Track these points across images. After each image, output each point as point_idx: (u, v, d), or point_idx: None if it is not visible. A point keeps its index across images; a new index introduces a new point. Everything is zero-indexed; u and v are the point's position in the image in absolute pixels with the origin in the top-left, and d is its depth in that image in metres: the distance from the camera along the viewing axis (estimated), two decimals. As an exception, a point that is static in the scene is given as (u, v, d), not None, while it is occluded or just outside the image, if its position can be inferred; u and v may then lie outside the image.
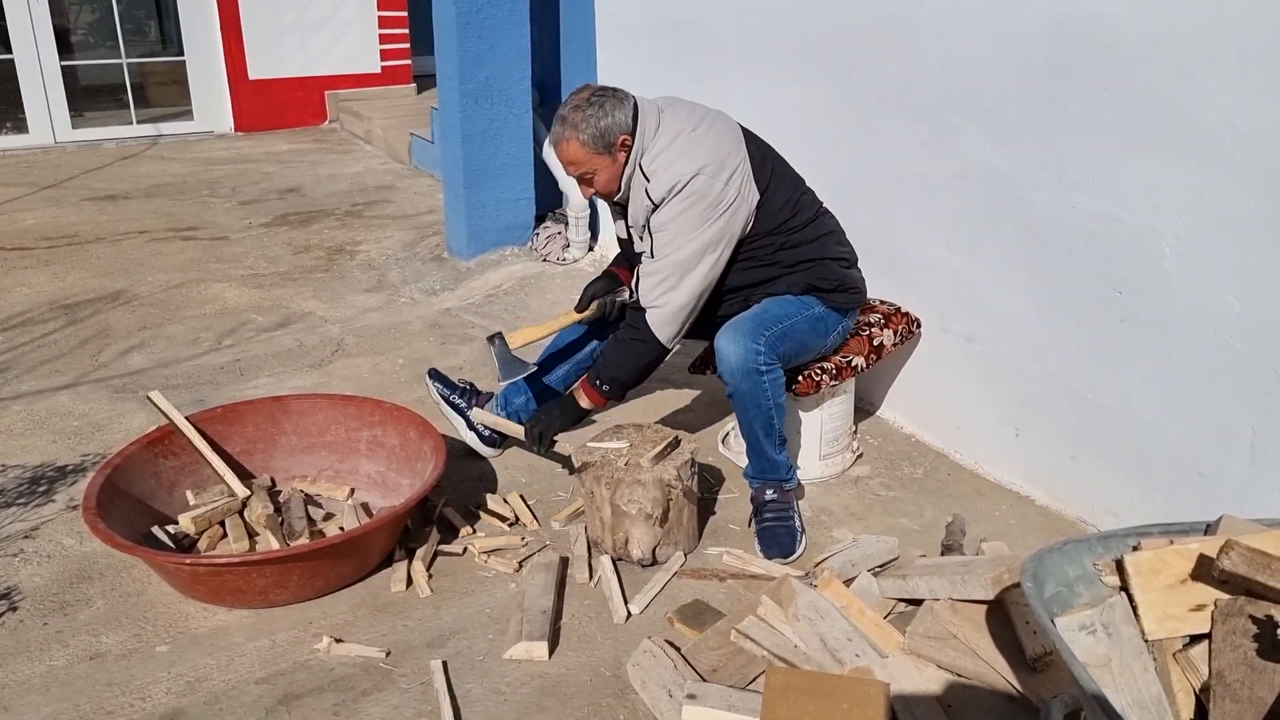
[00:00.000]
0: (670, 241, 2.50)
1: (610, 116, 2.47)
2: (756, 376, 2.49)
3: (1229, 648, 1.41)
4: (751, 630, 2.10)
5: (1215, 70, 2.21)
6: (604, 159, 2.51)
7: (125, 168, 6.39)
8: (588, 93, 2.52)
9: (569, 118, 2.48)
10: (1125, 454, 2.59)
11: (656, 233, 2.52)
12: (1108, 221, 2.50)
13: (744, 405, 2.54)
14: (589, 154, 2.49)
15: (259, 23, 7.28)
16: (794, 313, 2.62)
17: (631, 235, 2.72)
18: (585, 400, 2.64)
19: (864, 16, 3.07)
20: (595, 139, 2.47)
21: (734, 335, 2.50)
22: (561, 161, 2.56)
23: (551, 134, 2.55)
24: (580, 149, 2.48)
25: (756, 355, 2.47)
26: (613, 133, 2.48)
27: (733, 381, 2.51)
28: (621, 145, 2.51)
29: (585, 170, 2.53)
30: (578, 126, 2.47)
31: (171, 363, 3.62)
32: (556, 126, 2.51)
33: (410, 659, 2.18)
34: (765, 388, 2.51)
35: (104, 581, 2.42)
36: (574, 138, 2.48)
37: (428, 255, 4.82)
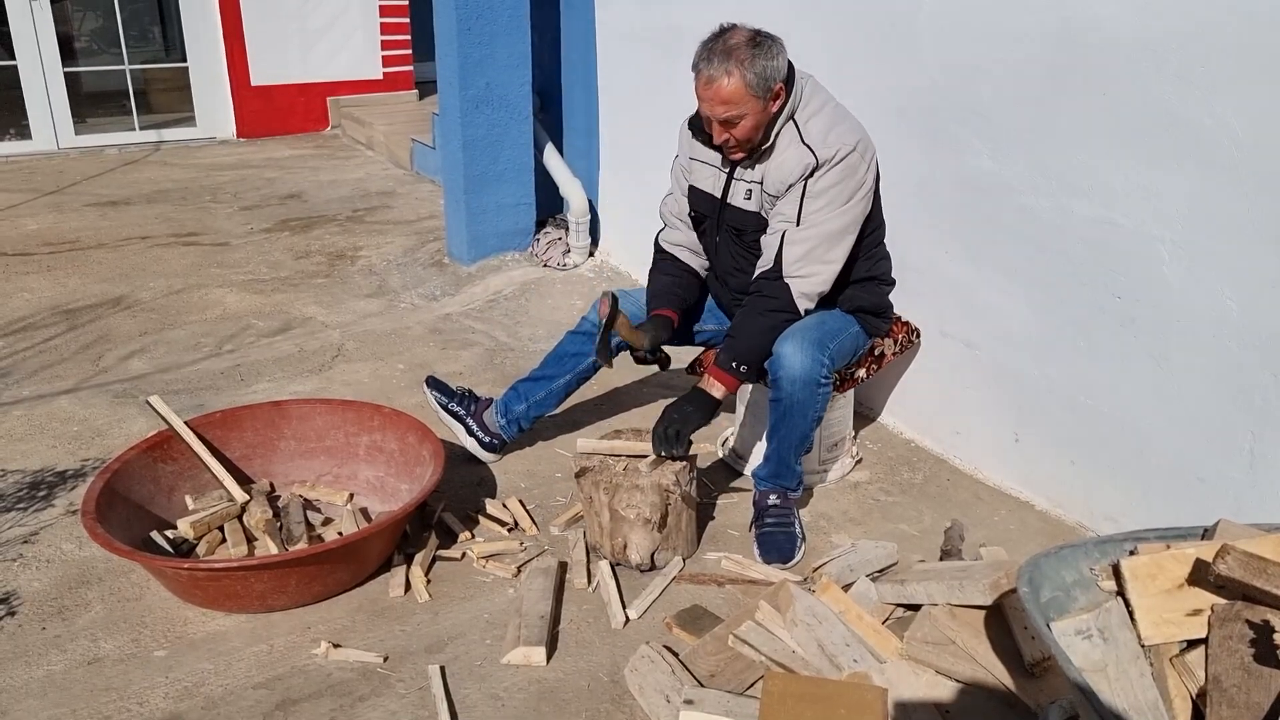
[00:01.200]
0: (821, 210, 2.42)
1: (775, 60, 2.34)
2: (815, 388, 2.46)
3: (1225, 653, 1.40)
4: (749, 636, 2.10)
5: (1212, 76, 2.21)
6: (757, 103, 2.35)
7: (127, 173, 6.41)
8: (749, 31, 2.35)
9: (735, 52, 2.30)
10: (1124, 459, 2.59)
11: (810, 198, 2.42)
12: (1106, 227, 2.50)
13: (791, 413, 2.50)
14: (748, 94, 2.32)
15: (262, 29, 7.30)
16: (844, 328, 2.61)
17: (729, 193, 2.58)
18: (718, 389, 2.48)
19: (862, 23, 3.07)
20: (759, 79, 2.31)
21: (800, 344, 2.44)
22: (712, 98, 2.35)
23: (707, 66, 2.33)
24: (741, 86, 2.31)
25: (821, 366, 2.44)
26: (775, 77, 2.34)
27: (790, 389, 2.46)
28: (776, 93, 2.37)
29: (736, 112, 2.35)
30: (744, 62, 2.29)
31: (172, 368, 3.63)
32: (716, 60, 2.31)
33: (408, 664, 2.18)
34: (819, 400, 2.49)
35: (103, 586, 2.42)
36: (738, 73, 2.29)
37: (428, 261, 4.83)
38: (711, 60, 2.33)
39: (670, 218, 2.82)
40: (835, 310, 2.65)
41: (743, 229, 2.60)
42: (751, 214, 2.56)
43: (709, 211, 2.66)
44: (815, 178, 2.42)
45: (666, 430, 2.43)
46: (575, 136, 4.86)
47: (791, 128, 2.45)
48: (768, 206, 2.53)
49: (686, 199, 2.73)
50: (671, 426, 2.43)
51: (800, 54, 3.30)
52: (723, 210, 2.62)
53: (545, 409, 2.96)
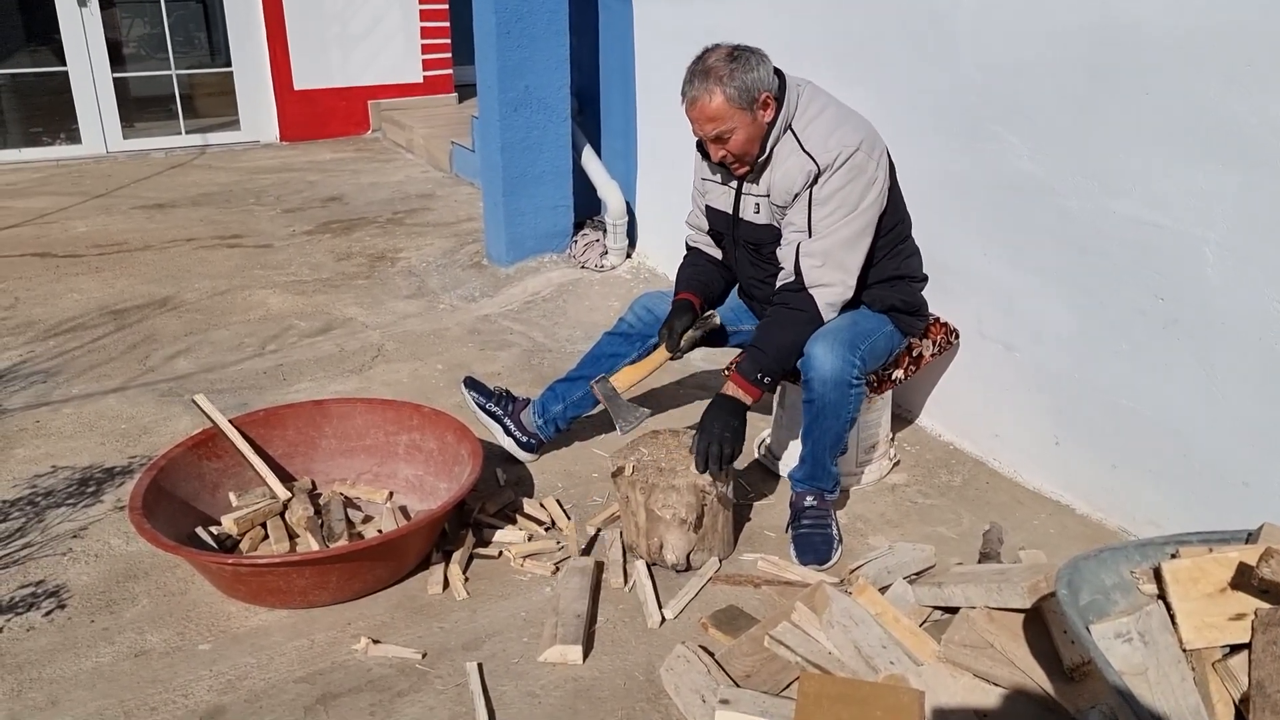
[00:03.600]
0: (831, 216, 2.43)
1: (755, 71, 2.38)
2: (847, 389, 2.46)
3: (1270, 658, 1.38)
4: (785, 637, 2.09)
5: (1259, 73, 2.18)
6: (745, 115, 2.39)
7: (173, 177, 6.52)
8: (727, 48, 2.41)
9: (714, 69, 2.37)
10: (1167, 463, 2.55)
11: (818, 205, 2.43)
12: (1149, 228, 2.47)
13: (823, 414, 2.51)
14: (732, 109, 2.37)
15: (304, 34, 7.40)
16: (876, 328, 2.61)
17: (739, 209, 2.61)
18: (746, 398, 2.47)
19: (900, 24, 3.06)
20: (741, 92, 2.36)
21: (831, 345, 2.45)
22: (699, 118, 2.42)
23: (689, 88, 2.41)
24: (724, 103, 2.36)
25: (851, 368, 2.45)
26: (757, 88, 2.38)
27: (821, 390, 2.47)
28: (764, 103, 2.41)
29: (724, 128, 2.39)
30: (723, 79, 2.35)
31: (216, 367, 3.69)
32: (697, 81, 2.39)
33: (446, 660, 2.21)
34: (851, 401, 2.49)
35: (149, 581, 2.47)
36: (719, 90, 2.36)
37: (467, 262, 4.87)
38: (693, 82, 2.40)
39: (693, 230, 2.88)
40: (867, 310, 2.64)
41: (758, 243, 2.62)
42: (764, 228, 2.58)
43: (724, 228, 2.70)
44: (820, 184, 2.42)
45: (712, 448, 2.40)
46: (613, 138, 4.88)
47: (790, 137, 2.46)
48: (778, 218, 2.54)
49: (704, 216, 2.77)
50: (722, 445, 2.40)
51: (837, 56, 3.31)
52: (736, 226, 2.65)
53: (582, 409, 2.98)
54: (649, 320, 2.87)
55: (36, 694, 2.10)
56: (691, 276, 2.82)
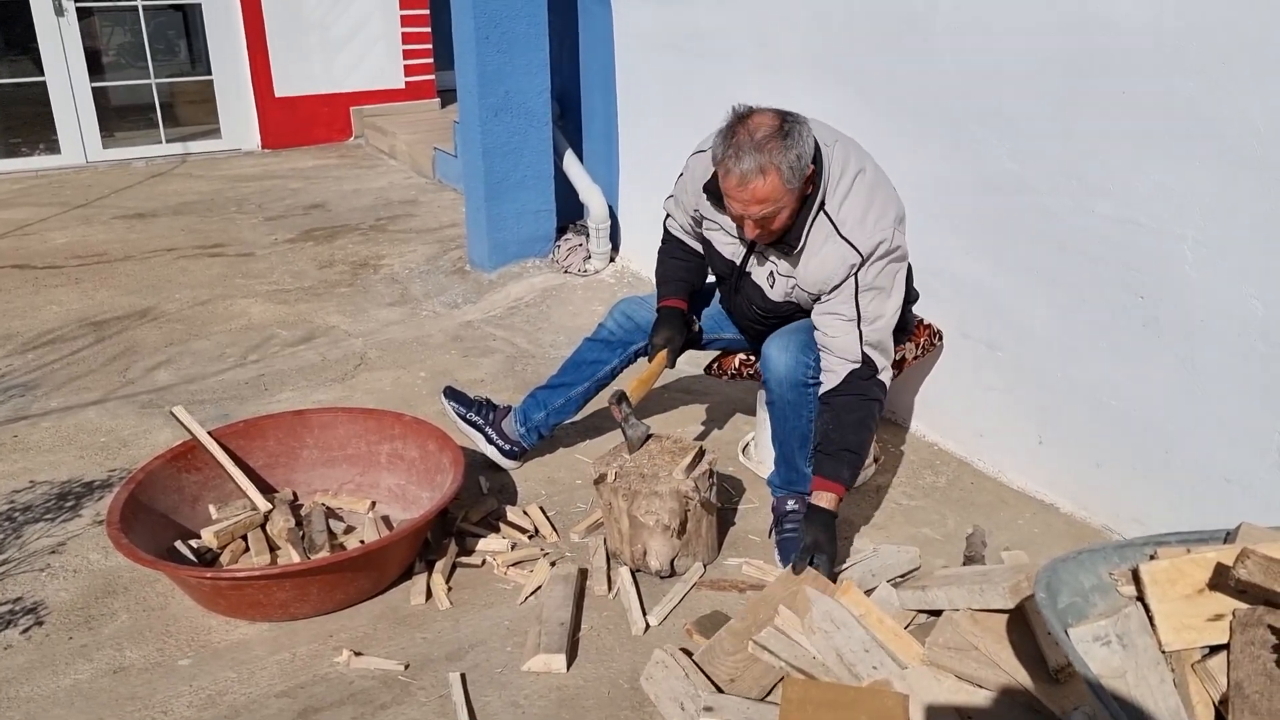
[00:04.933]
0: (877, 299, 2.33)
1: (805, 144, 2.16)
2: (803, 389, 2.46)
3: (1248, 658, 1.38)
4: (769, 642, 2.09)
5: (1233, 72, 2.18)
6: (793, 195, 2.20)
7: (154, 186, 6.48)
8: (775, 117, 2.15)
9: (766, 145, 2.11)
10: (1150, 461, 2.56)
11: (864, 293, 2.30)
12: (1128, 226, 2.48)
13: (784, 415, 2.52)
14: (785, 190, 2.15)
15: (285, 41, 7.37)
16: None
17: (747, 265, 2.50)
18: (834, 505, 2.34)
19: (879, 25, 3.06)
20: (793, 172, 2.14)
21: (785, 346, 2.46)
22: (746, 199, 2.17)
23: (736, 162, 2.13)
24: (779, 185, 2.13)
25: (805, 368, 2.44)
26: (805, 164, 2.17)
27: (778, 391, 2.48)
28: (809, 178, 2.21)
29: (772, 209, 2.18)
30: (777, 156, 2.10)
31: (197, 378, 3.67)
32: (746, 156, 2.11)
33: (429, 671, 2.19)
34: (808, 400, 2.48)
35: (128, 596, 2.45)
36: (774, 171, 2.11)
37: (450, 268, 4.85)
38: (741, 157, 2.13)
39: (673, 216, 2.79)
40: None
41: (765, 308, 2.56)
42: (779, 302, 2.52)
43: (726, 274, 2.62)
44: (863, 272, 2.30)
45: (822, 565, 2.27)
46: (595, 143, 4.87)
47: (824, 221, 2.30)
48: (803, 297, 2.46)
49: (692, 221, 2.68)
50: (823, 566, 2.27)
51: (818, 58, 3.31)
52: (740, 278, 2.58)
53: (564, 416, 2.97)
54: (629, 327, 2.86)
55: (14, 713, 2.08)
56: (674, 275, 2.76)
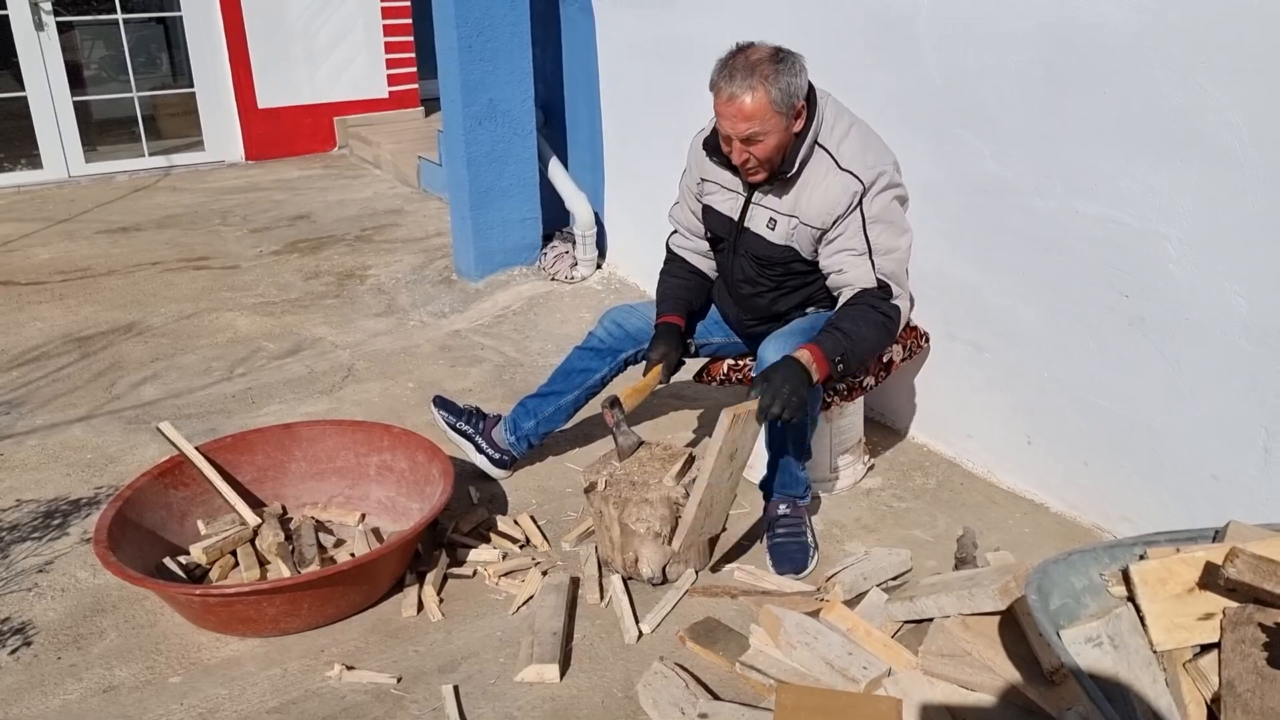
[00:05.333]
0: (885, 234, 2.40)
1: (798, 77, 2.30)
2: None
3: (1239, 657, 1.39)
4: (757, 661, 2.09)
5: (1212, 71, 2.20)
6: (780, 121, 2.30)
7: (138, 200, 6.45)
8: (770, 48, 2.31)
9: (758, 67, 2.25)
10: (1138, 459, 2.57)
11: (872, 223, 2.38)
12: (1112, 226, 2.49)
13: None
14: (771, 110, 2.27)
15: (267, 52, 7.34)
16: None
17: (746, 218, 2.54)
18: (817, 373, 2.33)
19: (862, 29, 3.07)
20: (783, 96, 2.27)
21: (782, 348, 2.43)
22: (733, 115, 2.29)
23: (728, 83, 2.28)
24: (765, 104, 2.25)
25: None
26: (797, 95, 2.30)
27: None
28: (798, 113, 2.34)
29: (759, 129, 2.29)
30: (768, 78, 2.24)
31: (184, 393, 3.65)
32: (739, 76, 2.26)
33: (422, 684, 2.18)
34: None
35: (117, 614, 2.43)
36: (762, 89, 2.24)
37: (436, 278, 4.84)
38: (734, 77, 2.27)
39: (678, 224, 2.83)
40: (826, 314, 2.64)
41: (765, 258, 2.56)
42: (779, 247, 2.52)
43: (725, 234, 2.63)
44: (868, 201, 2.37)
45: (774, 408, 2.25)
46: (579, 150, 4.87)
47: (823, 154, 2.39)
48: (804, 239, 2.47)
49: (695, 214, 2.72)
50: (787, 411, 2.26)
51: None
52: (739, 234, 2.58)
53: (554, 425, 2.97)
54: (619, 335, 2.86)
55: (3, 735, 2.06)
56: (674, 293, 2.75)
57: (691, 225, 2.77)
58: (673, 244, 2.85)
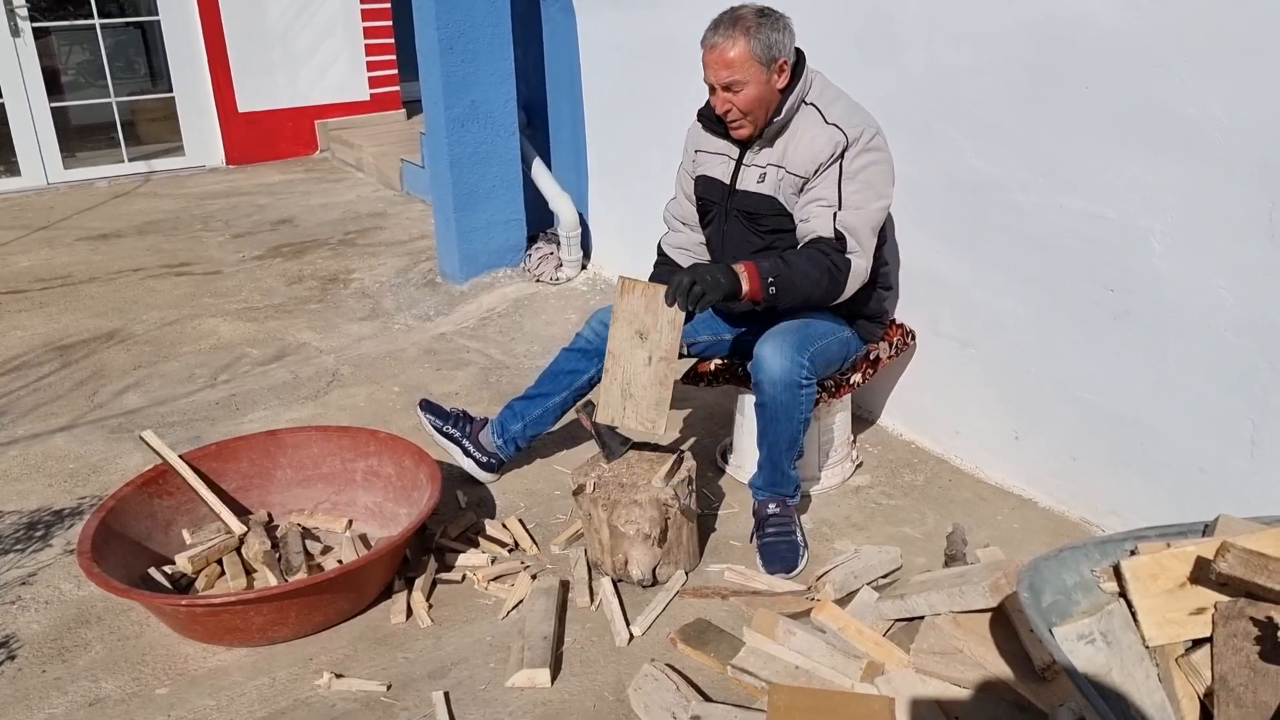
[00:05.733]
0: (862, 191, 2.44)
1: (781, 34, 2.42)
2: (796, 390, 2.46)
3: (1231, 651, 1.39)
4: (748, 662, 2.08)
5: (1196, 67, 2.20)
6: (760, 72, 2.41)
7: (118, 206, 6.40)
8: (759, 5, 2.45)
9: (742, 19, 2.39)
10: (1125, 453, 2.57)
11: (849, 179, 2.43)
12: (1097, 221, 2.49)
13: (776, 417, 2.51)
14: (750, 61, 2.39)
15: (247, 56, 7.30)
16: (830, 331, 2.61)
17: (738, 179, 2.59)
18: (747, 284, 2.33)
19: (843, 27, 3.07)
20: (763, 48, 2.38)
21: (779, 346, 2.45)
22: (715, 63, 2.42)
23: (712, 34, 2.42)
24: (745, 52, 2.38)
25: (800, 369, 2.44)
26: (779, 49, 2.41)
27: (771, 392, 2.47)
28: (780, 68, 2.43)
29: (737, 77, 2.40)
30: (749, 30, 2.38)
31: (167, 400, 3.62)
32: (723, 27, 2.40)
33: (412, 691, 2.17)
34: (801, 402, 2.48)
35: (102, 625, 2.41)
36: (743, 39, 2.37)
37: (421, 281, 4.82)
38: (718, 28, 2.42)
39: (672, 220, 2.86)
40: (826, 313, 2.64)
41: (755, 213, 2.60)
42: (766, 198, 2.56)
43: (718, 198, 2.67)
44: (849, 157, 2.44)
45: (694, 286, 2.28)
46: (563, 150, 4.86)
47: (811, 110, 2.49)
48: (788, 189, 2.52)
49: (690, 200, 2.76)
50: (699, 285, 2.28)
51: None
52: (731, 196, 2.63)
53: (542, 427, 2.95)
54: (606, 335, 2.84)
55: (-13, 751, 2.04)
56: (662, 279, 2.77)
57: (686, 213, 2.80)
58: (664, 244, 2.88)
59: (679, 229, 2.84)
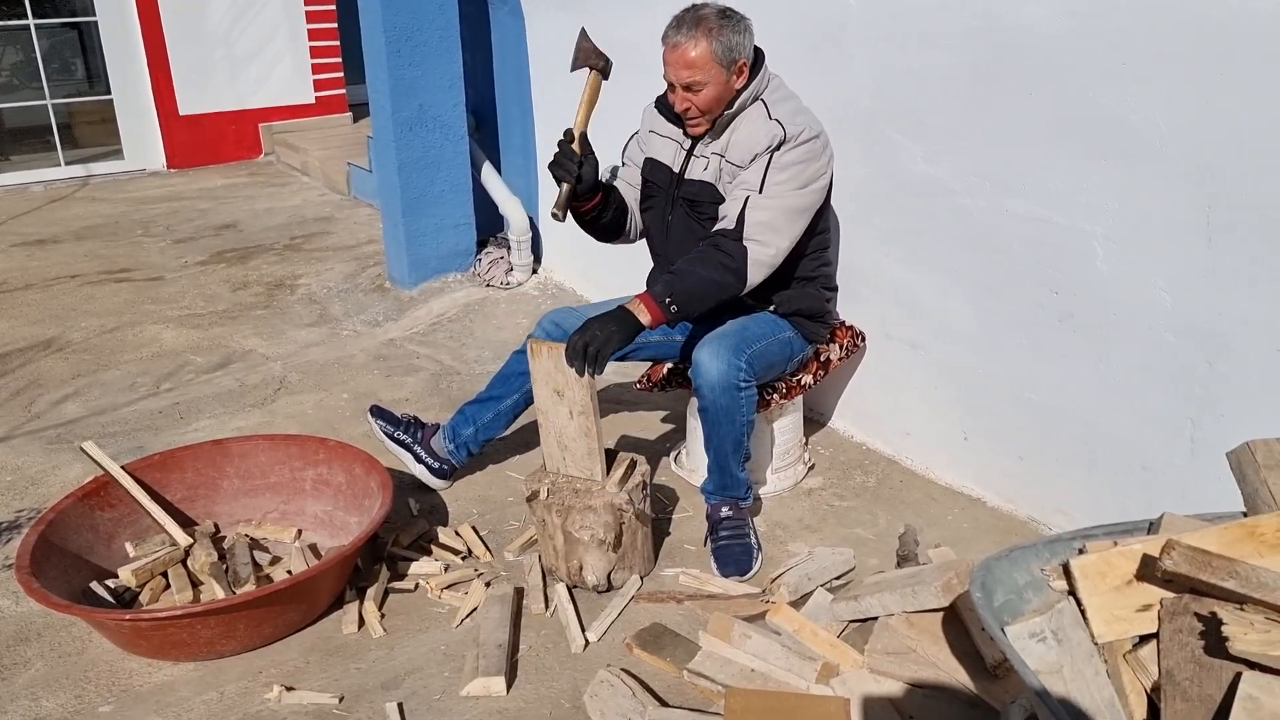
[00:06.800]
0: (784, 183, 2.47)
1: (742, 35, 2.45)
2: (735, 393, 2.47)
3: (1176, 646, 1.42)
4: (704, 666, 2.08)
5: (1133, 71, 2.25)
6: (720, 73, 2.44)
7: (54, 211, 6.25)
8: (720, 6, 2.47)
9: (705, 20, 2.42)
10: (1071, 452, 2.62)
11: (775, 170, 2.46)
12: (1041, 225, 2.54)
13: (718, 421, 2.51)
14: (712, 62, 2.42)
15: (187, 57, 7.17)
16: (770, 333, 2.63)
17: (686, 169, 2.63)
18: (645, 316, 2.38)
19: (795, 32, 3.09)
20: (725, 49, 2.42)
21: (717, 350, 2.47)
22: (676, 62, 2.44)
23: (675, 33, 2.44)
24: (707, 54, 2.41)
25: (737, 371, 2.46)
26: (739, 51, 2.45)
27: (711, 396, 2.47)
28: (740, 69, 2.47)
29: (700, 77, 2.43)
30: (712, 31, 2.41)
31: (108, 410, 3.53)
32: (685, 27, 2.42)
33: (365, 703, 2.14)
34: (741, 404, 2.49)
35: (42, 642, 2.34)
36: (705, 40, 2.40)
37: (369, 286, 4.77)
38: (680, 27, 2.44)
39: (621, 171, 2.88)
40: (765, 314, 2.66)
41: (698, 200, 2.62)
42: (707, 185, 2.59)
43: (664, 184, 2.69)
44: (782, 151, 2.47)
45: (588, 347, 2.31)
46: (512, 154, 4.83)
47: (759, 106, 2.52)
48: (725, 178, 2.56)
49: (638, 169, 2.77)
50: (593, 345, 2.30)
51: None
52: (679, 185, 2.65)
53: (494, 431, 2.93)
54: (558, 336, 2.83)
55: (-78, 775, 1.97)
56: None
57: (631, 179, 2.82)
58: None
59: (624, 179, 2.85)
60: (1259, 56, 2.03)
